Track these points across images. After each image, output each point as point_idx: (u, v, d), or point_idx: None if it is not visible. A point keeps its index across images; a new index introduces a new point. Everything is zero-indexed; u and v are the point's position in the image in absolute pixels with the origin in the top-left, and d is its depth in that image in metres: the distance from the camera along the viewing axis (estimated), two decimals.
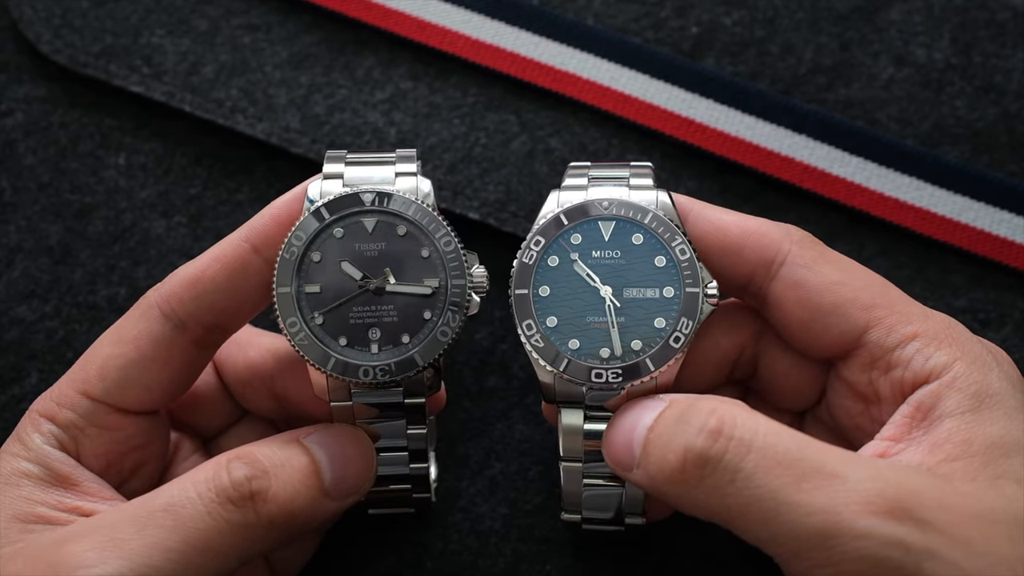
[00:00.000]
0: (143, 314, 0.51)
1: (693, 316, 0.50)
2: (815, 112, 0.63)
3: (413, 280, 0.50)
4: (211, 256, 0.50)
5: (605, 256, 0.50)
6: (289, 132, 0.63)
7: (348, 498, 0.49)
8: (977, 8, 0.65)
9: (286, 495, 0.46)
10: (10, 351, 0.61)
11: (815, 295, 0.49)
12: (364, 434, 0.50)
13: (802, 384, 0.52)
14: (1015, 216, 0.62)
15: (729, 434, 0.44)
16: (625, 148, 0.63)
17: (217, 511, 0.45)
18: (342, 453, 0.49)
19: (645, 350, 0.49)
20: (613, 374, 0.49)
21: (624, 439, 0.48)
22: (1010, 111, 0.63)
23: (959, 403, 0.46)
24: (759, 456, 0.43)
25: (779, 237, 0.50)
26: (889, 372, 0.48)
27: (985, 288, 0.61)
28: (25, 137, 0.64)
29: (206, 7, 0.65)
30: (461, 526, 0.59)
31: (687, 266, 0.50)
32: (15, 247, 0.63)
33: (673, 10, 0.65)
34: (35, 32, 0.64)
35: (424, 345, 0.49)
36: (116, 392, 0.50)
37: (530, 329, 0.50)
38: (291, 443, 0.48)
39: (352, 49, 0.64)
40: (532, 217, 0.62)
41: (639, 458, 0.47)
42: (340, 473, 0.48)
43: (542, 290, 0.50)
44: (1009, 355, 0.49)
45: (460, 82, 0.64)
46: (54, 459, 0.49)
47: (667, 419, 0.46)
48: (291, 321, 0.49)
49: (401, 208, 0.50)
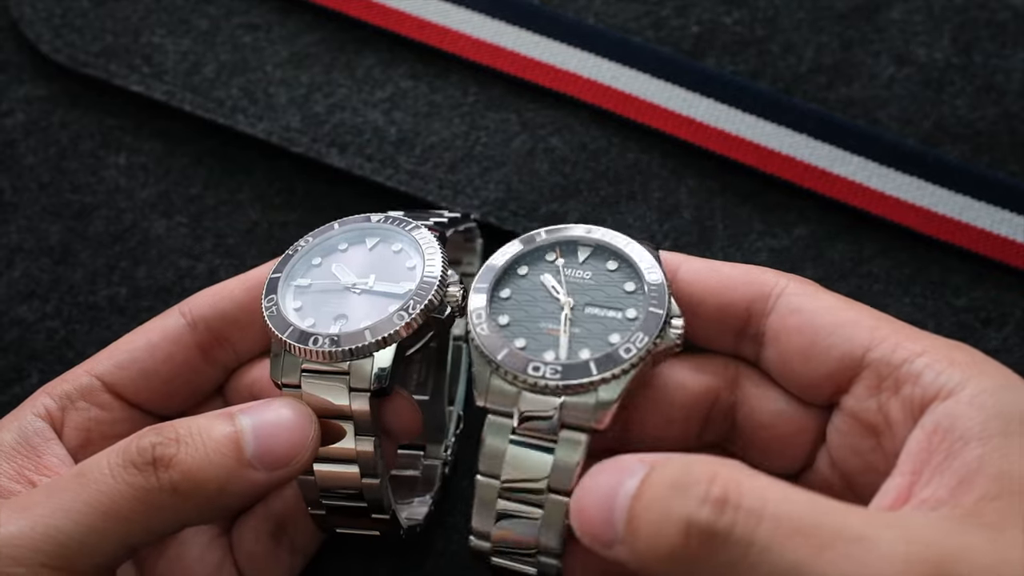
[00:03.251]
0: (167, 312, 0.53)
1: (650, 333, 0.46)
2: (816, 111, 0.63)
3: (391, 280, 0.51)
4: (239, 279, 0.53)
5: (575, 276, 0.49)
6: (289, 131, 0.63)
7: (279, 470, 0.47)
8: (978, 8, 0.65)
9: (193, 462, 0.46)
10: (10, 351, 0.61)
11: (815, 316, 0.46)
12: (303, 405, 0.49)
13: (791, 435, 0.48)
14: (1016, 216, 0.62)
15: (736, 503, 0.38)
16: (625, 147, 0.63)
17: (120, 474, 0.45)
18: (272, 422, 0.47)
19: (591, 356, 0.46)
20: (552, 370, 0.45)
21: (599, 507, 0.41)
22: (1011, 111, 0.63)
23: (984, 425, 0.40)
24: (773, 525, 0.38)
25: (773, 276, 0.48)
26: (899, 391, 0.44)
27: (986, 287, 0.61)
28: (25, 137, 0.64)
29: (206, 6, 0.65)
30: (461, 526, 0.59)
31: (655, 289, 0.47)
32: (15, 247, 0.63)
33: (674, 9, 0.65)
34: (35, 32, 0.64)
35: (377, 323, 0.49)
36: (115, 371, 0.51)
37: (479, 318, 0.48)
38: (220, 416, 0.48)
39: (352, 48, 0.64)
40: (533, 216, 0.62)
41: (622, 532, 0.40)
42: (267, 443, 0.47)
43: (503, 292, 0.49)
44: (1009, 355, 0.48)
45: (460, 81, 0.64)
46: (32, 429, 0.50)
47: (657, 486, 0.40)
48: (270, 298, 0.50)
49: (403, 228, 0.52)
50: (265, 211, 0.64)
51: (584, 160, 0.62)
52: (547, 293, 0.48)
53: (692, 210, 0.62)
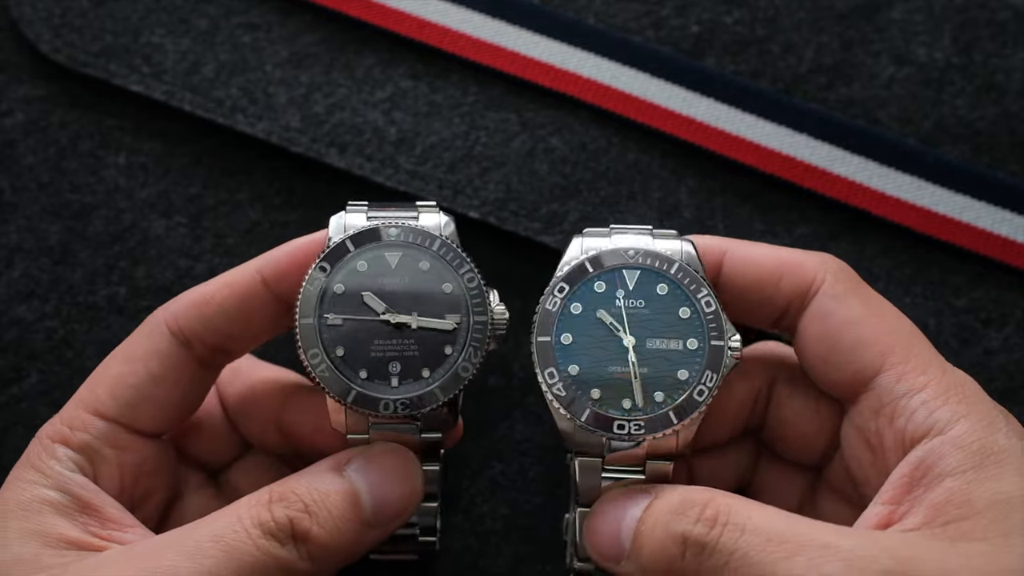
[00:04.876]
0: (151, 332, 0.51)
1: (717, 369, 0.49)
2: (816, 111, 0.63)
3: (435, 315, 0.49)
4: (222, 281, 0.51)
5: (629, 306, 0.50)
6: (289, 131, 0.63)
7: (393, 522, 0.49)
8: (978, 7, 0.65)
9: (326, 534, 0.47)
10: (10, 351, 0.61)
11: (835, 329, 0.49)
12: (407, 452, 0.50)
13: (812, 431, 0.52)
14: (1016, 215, 0.62)
15: (724, 520, 0.45)
16: (625, 147, 0.63)
17: (264, 546, 0.46)
18: (383, 480, 0.49)
19: (668, 402, 0.49)
20: (635, 426, 0.49)
21: (610, 531, 0.48)
22: (1011, 110, 0.63)
23: (960, 461, 0.45)
24: (752, 536, 0.44)
25: (815, 266, 0.50)
26: (893, 422, 0.47)
27: (986, 287, 0.61)
28: (25, 137, 0.64)
29: (206, 6, 0.65)
30: (461, 526, 0.59)
31: (712, 319, 0.49)
32: (15, 247, 0.63)
33: (674, 9, 0.64)
34: (35, 32, 0.64)
35: (444, 380, 0.49)
36: (129, 411, 0.50)
37: (552, 377, 0.49)
38: (331, 472, 0.48)
39: (352, 48, 0.64)
40: (533, 216, 0.62)
41: (629, 550, 0.47)
42: (381, 500, 0.48)
43: (564, 338, 0.49)
44: (1010, 355, 0.48)
45: (460, 81, 0.64)
46: (75, 484, 0.48)
47: (660, 511, 0.47)
48: (313, 352, 0.49)
49: (425, 243, 0.50)
50: (265, 211, 0.63)
51: (584, 160, 0.62)
52: (607, 331, 0.50)
53: (692, 210, 0.62)
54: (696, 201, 0.62)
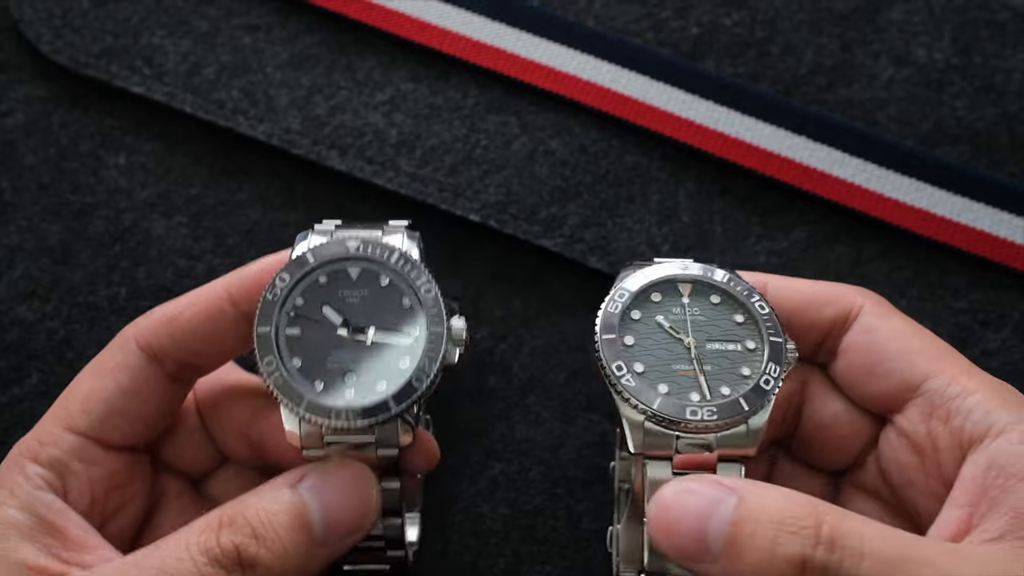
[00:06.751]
0: (121, 347, 0.51)
1: (780, 362, 0.50)
2: (815, 113, 0.63)
3: (392, 328, 0.50)
4: (189, 299, 0.51)
5: (685, 313, 0.51)
6: (290, 133, 0.63)
7: (346, 539, 0.49)
8: (977, 8, 0.65)
9: (274, 558, 0.46)
10: (10, 351, 0.61)
11: (883, 339, 0.50)
12: (361, 467, 0.49)
13: (847, 435, 0.52)
14: (1015, 217, 0.62)
15: (842, 543, 0.43)
16: (625, 150, 0.63)
17: (210, 574, 0.46)
18: (335, 496, 0.48)
19: (735, 393, 0.49)
20: (708, 411, 0.49)
21: (691, 526, 0.45)
22: (1010, 112, 0.63)
23: None
24: (872, 561, 0.43)
25: (854, 294, 0.52)
26: (948, 422, 0.48)
27: (985, 289, 0.61)
28: (25, 137, 0.64)
29: (207, 8, 0.65)
30: (461, 526, 0.59)
31: (768, 319, 0.51)
32: (15, 247, 0.63)
33: (673, 11, 0.64)
34: (35, 32, 0.64)
35: (398, 390, 0.48)
36: (99, 426, 0.50)
37: (621, 370, 0.49)
38: (284, 490, 0.48)
39: (353, 50, 0.64)
40: (533, 219, 0.62)
41: (719, 552, 0.45)
42: (333, 518, 0.48)
43: (627, 339, 0.50)
44: (1008, 356, 0.49)
45: (461, 84, 0.64)
46: (41, 504, 0.48)
47: (759, 518, 0.44)
48: (268, 360, 0.49)
49: (384, 256, 0.50)
50: (265, 211, 0.64)
51: (584, 163, 0.62)
52: (667, 335, 0.51)
53: (691, 213, 0.62)
54: (695, 204, 0.62)
